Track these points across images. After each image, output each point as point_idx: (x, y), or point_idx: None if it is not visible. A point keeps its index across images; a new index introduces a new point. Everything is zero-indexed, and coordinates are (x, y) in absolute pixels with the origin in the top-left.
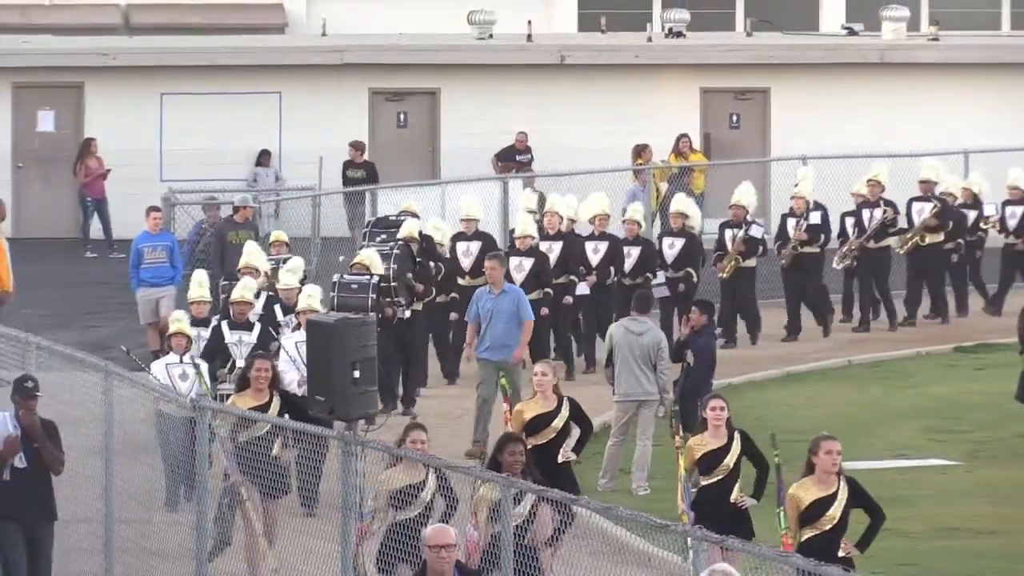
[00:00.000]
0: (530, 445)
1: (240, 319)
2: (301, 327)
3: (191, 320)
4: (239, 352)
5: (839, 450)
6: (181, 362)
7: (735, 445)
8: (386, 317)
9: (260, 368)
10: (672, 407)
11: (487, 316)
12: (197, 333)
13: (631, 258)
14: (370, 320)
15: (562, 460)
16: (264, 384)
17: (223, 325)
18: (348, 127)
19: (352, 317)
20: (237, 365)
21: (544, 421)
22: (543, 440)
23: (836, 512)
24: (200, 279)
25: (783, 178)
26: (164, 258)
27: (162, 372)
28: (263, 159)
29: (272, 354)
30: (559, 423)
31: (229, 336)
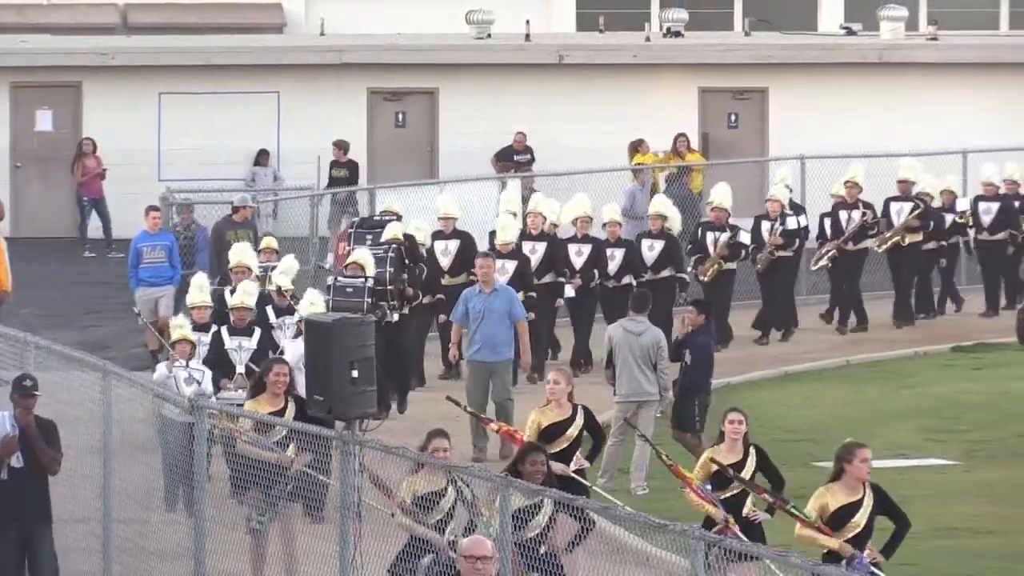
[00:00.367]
0: None
1: (240, 325)
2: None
3: (192, 325)
4: (239, 358)
5: (870, 457)
6: (186, 367)
7: (751, 461)
8: (408, 296)
9: (279, 373)
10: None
11: (477, 316)
12: (198, 338)
13: (615, 260)
14: (368, 320)
15: (575, 468)
16: (281, 389)
17: (223, 331)
18: (347, 127)
19: (350, 317)
20: (238, 371)
21: (559, 429)
22: (557, 448)
23: (862, 519)
24: (200, 283)
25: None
26: (163, 258)
27: (165, 376)
28: (261, 159)
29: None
30: (574, 432)
31: (229, 342)
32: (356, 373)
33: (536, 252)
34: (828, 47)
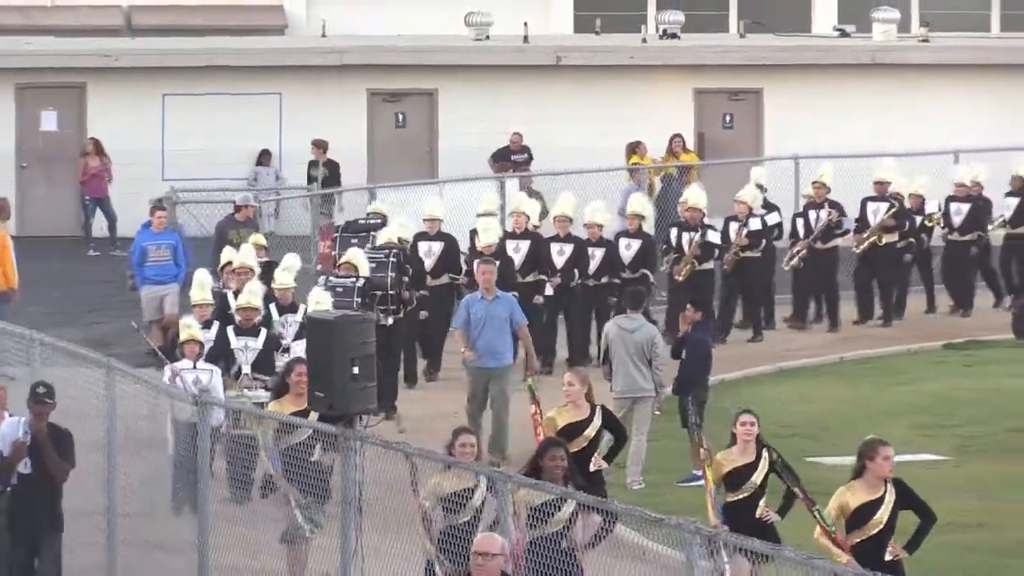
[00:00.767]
0: None
1: (246, 325)
2: None
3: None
4: (245, 358)
5: (892, 455)
6: (195, 368)
7: (763, 463)
8: (404, 300)
9: (301, 373)
10: (694, 422)
11: (479, 322)
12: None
13: (595, 259)
14: (369, 317)
15: (594, 468)
16: (304, 389)
17: (229, 330)
18: (347, 127)
19: (352, 314)
20: (243, 371)
21: (577, 429)
22: (575, 449)
23: (883, 516)
24: (202, 281)
25: (776, 178)
26: (168, 256)
27: (174, 377)
28: (263, 159)
29: (280, 353)
30: (591, 432)
31: (235, 342)
32: (357, 370)
33: (520, 251)
34: (822, 48)
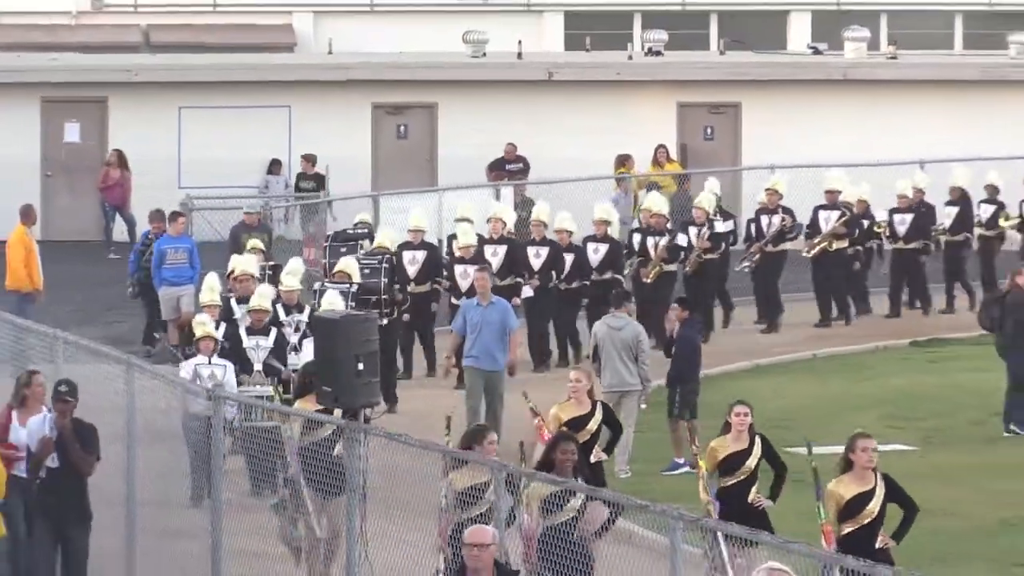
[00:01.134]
0: None
1: (258, 326)
2: None
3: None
4: (257, 356)
5: (874, 447)
6: (210, 363)
7: (756, 449)
8: (397, 302)
9: None
10: (677, 414)
11: (475, 327)
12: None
13: (566, 264)
14: (372, 316)
15: (594, 460)
16: None
17: (241, 330)
18: (353, 138)
19: (356, 314)
20: (255, 369)
21: (579, 424)
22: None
23: (875, 507)
24: (212, 284)
25: (753, 186)
26: (185, 259)
27: (191, 373)
28: (274, 168)
29: (290, 351)
30: (593, 426)
31: (247, 341)
32: (361, 366)
33: (497, 255)
34: (797, 65)
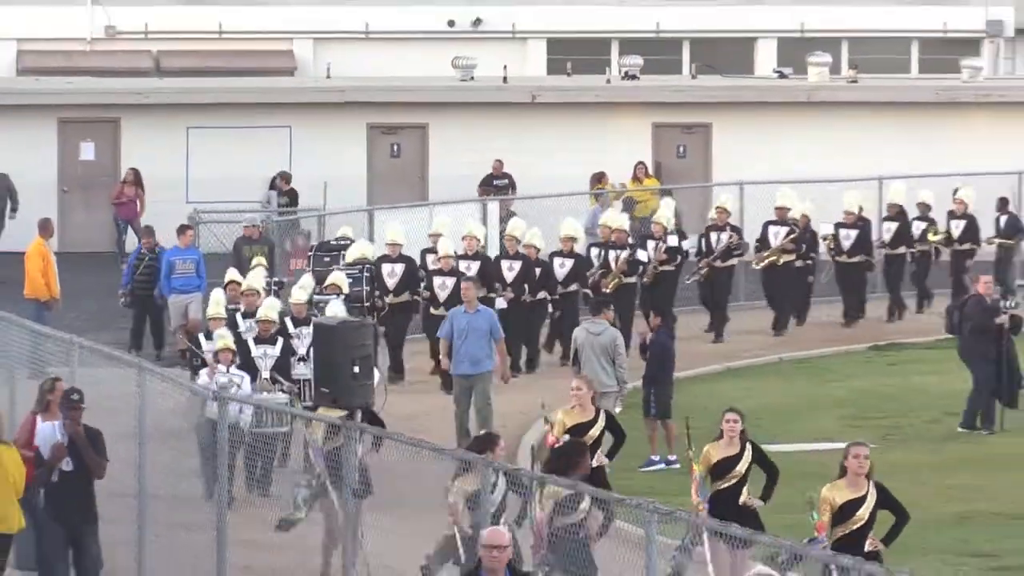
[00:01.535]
0: None
1: (265, 335)
2: None
3: (206, 334)
4: (264, 364)
5: (866, 454)
6: (228, 372)
7: (747, 454)
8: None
9: None
10: (653, 414)
11: (462, 334)
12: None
13: (536, 276)
14: (368, 322)
15: (596, 465)
16: None
17: (249, 341)
18: (349, 156)
19: (351, 320)
20: (262, 377)
21: (583, 429)
22: None
23: (865, 513)
24: (217, 298)
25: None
26: (192, 269)
27: (209, 383)
28: (275, 183)
29: (296, 361)
30: (596, 432)
31: (255, 350)
32: (357, 368)
33: (471, 269)
34: (763, 88)
